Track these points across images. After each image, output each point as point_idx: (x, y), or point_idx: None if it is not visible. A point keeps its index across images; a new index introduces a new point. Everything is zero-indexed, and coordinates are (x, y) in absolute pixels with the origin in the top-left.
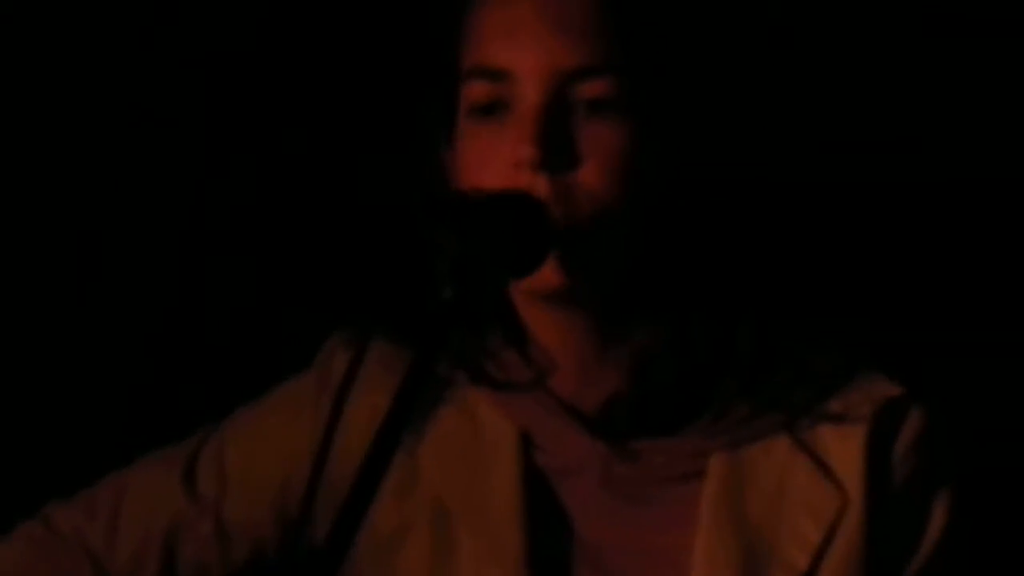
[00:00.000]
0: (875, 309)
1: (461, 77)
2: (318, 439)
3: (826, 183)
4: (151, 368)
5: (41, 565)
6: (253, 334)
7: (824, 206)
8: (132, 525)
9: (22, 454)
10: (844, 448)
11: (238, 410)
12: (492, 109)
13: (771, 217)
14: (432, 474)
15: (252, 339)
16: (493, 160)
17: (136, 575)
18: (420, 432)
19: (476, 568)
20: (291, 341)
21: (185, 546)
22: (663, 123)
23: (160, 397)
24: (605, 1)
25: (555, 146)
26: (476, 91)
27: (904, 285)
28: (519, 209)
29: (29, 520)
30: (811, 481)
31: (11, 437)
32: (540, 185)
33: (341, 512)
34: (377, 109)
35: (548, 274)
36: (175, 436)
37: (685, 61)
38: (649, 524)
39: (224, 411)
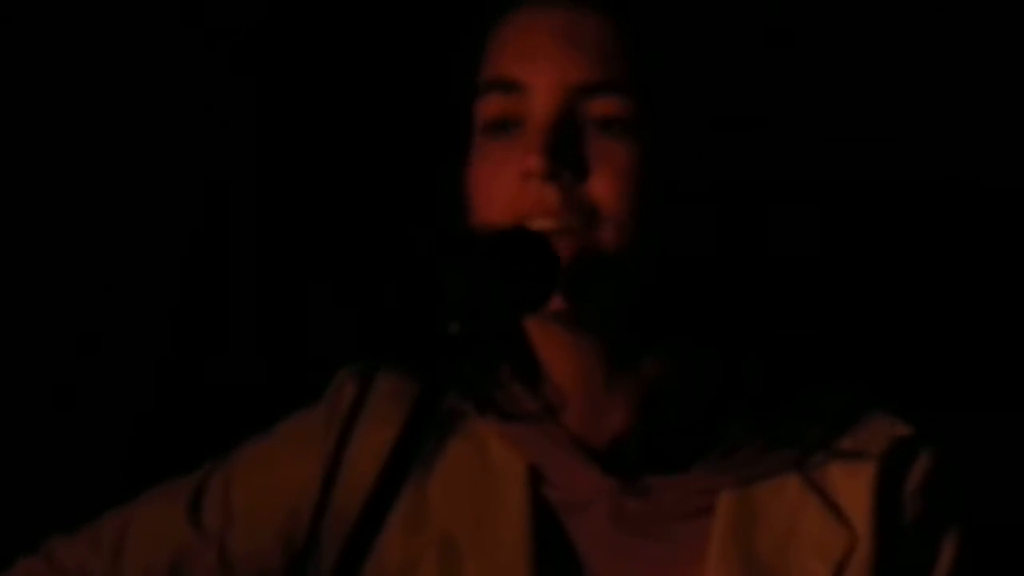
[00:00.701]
0: (887, 349)
1: (477, 92)
2: (325, 471)
3: (841, 214)
4: (158, 401)
5: None
6: (263, 365)
7: (838, 237)
8: (136, 558)
9: (25, 488)
10: (853, 487)
11: (245, 442)
12: (505, 125)
13: (783, 248)
14: (441, 508)
15: (262, 370)
16: (503, 174)
17: None
18: (429, 465)
19: None
20: (301, 373)
21: None
22: (674, 144)
23: (168, 430)
24: (620, 22)
25: (564, 158)
26: (490, 106)
27: (915, 326)
28: (527, 246)
29: (31, 555)
30: (820, 520)
31: (14, 469)
32: (549, 195)
33: (347, 544)
34: (389, 141)
35: (560, 296)
36: (182, 469)
37: (697, 84)
38: (658, 560)
39: (232, 443)
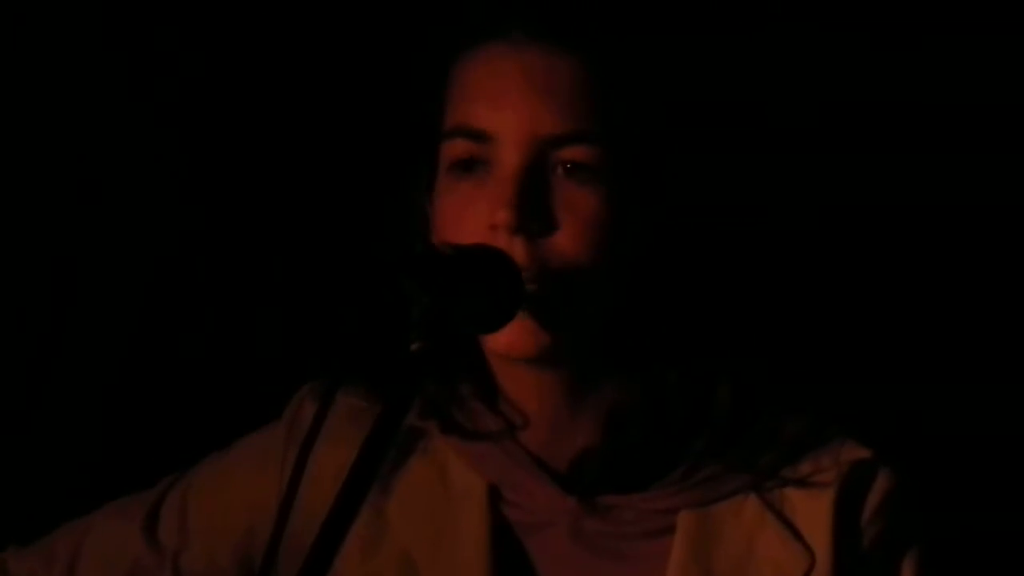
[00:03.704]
0: (851, 373)
1: (444, 133)
2: (284, 491)
3: (802, 249)
4: (118, 414)
5: None
6: (223, 382)
7: (802, 271)
8: (90, 573)
9: None
10: (812, 510)
11: (204, 460)
12: (472, 167)
13: (746, 280)
14: (400, 528)
15: (222, 387)
16: (470, 218)
17: None
18: (389, 485)
19: None
20: (261, 391)
21: None
22: (640, 190)
23: (127, 446)
24: (589, 70)
25: (532, 210)
26: (457, 149)
27: (879, 348)
28: (489, 265)
29: None
30: (778, 542)
31: None
32: (516, 248)
33: (305, 564)
34: (354, 161)
35: (522, 338)
36: (140, 485)
37: (664, 132)
38: None
39: (191, 461)
